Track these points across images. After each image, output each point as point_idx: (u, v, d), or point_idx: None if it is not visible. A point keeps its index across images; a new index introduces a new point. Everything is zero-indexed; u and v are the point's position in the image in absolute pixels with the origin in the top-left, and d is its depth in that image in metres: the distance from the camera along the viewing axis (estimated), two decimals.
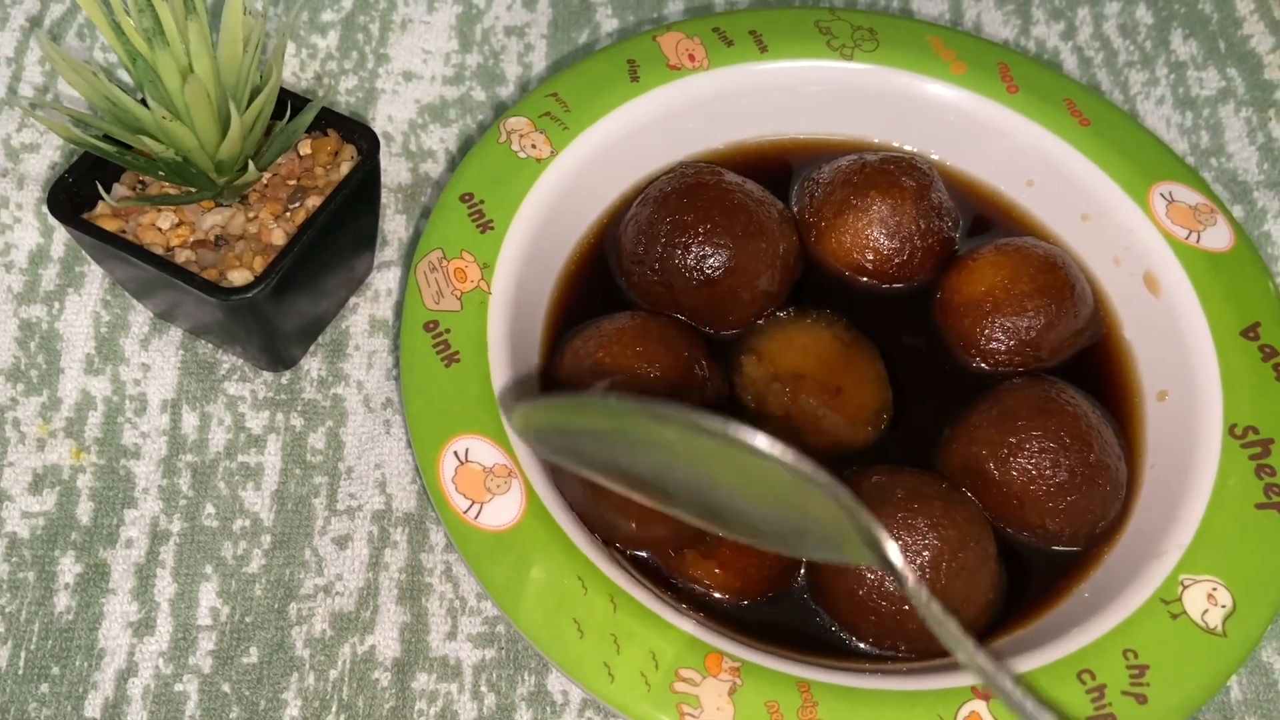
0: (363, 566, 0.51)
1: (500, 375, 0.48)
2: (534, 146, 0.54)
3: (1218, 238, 0.53)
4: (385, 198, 0.61)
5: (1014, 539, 0.49)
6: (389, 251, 0.60)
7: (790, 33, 0.58)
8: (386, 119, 0.64)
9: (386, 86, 0.66)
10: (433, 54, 0.67)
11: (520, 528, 0.44)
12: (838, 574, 0.46)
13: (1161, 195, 0.54)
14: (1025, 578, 0.49)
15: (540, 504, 0.44)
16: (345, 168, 0.53)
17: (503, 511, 0.44)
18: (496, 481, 0.45)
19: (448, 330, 0.48)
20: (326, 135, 0.53)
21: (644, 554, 0.47)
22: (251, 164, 0.47)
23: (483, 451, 0.45)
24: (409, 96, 0.65)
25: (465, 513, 0.44)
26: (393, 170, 0.63)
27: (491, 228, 0.51)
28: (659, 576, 0.47)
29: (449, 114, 0.65)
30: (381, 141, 0.63)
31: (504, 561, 0.43)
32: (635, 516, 0.45)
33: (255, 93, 0.50)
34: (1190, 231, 0.53)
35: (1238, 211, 0.64)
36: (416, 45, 0.67)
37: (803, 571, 0.48)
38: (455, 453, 0.45)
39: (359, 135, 0.53)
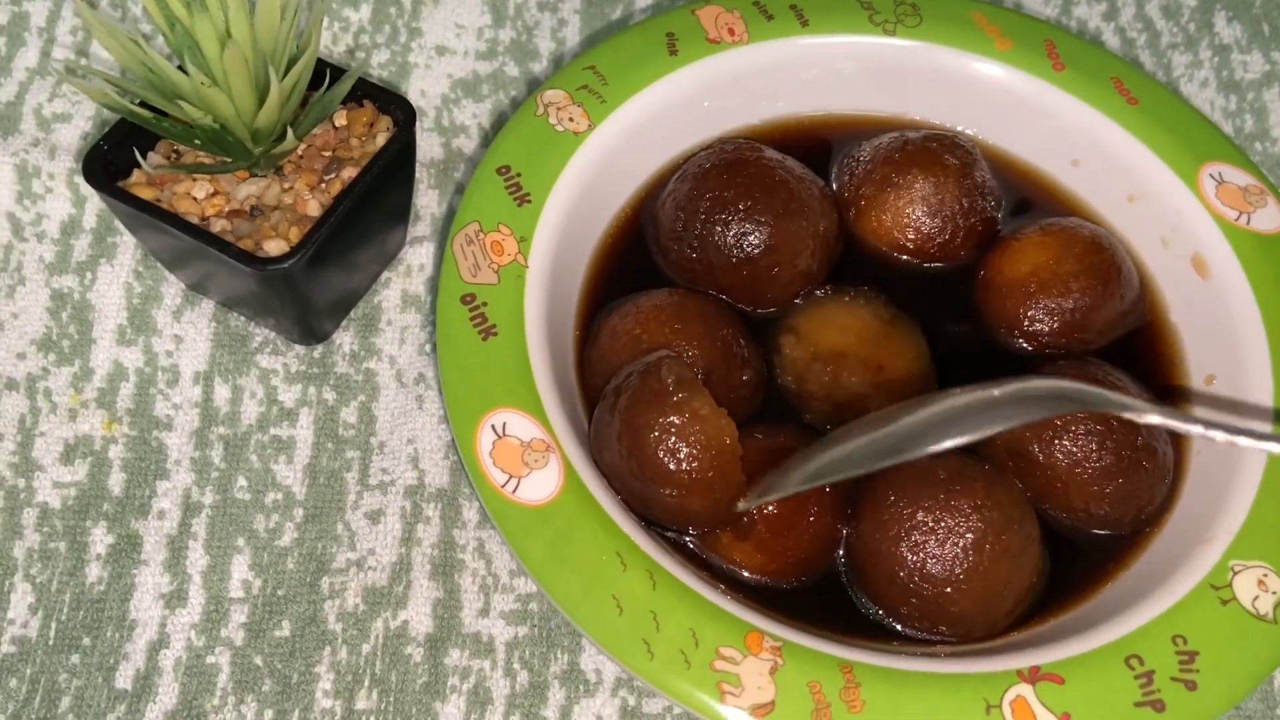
0: (395, 542, 0.50)
1: (538, 349, 0.47)
2: (571, 119, 0.53)
3: (1269, 219, 0.52)
4: (419, 173, 0.60)
5: (1057, 522, 0.48)
6: (421, 227, 0.59)
7: (832, 7, 0.57)
8: (419, 94, 0.64)
9: (419, 61, 0.65)
10: (465, 28, 0.67)
11: (558, 503, 0.43)
12: (877, 557, 0.45)
13: (1211, 176, 0.53)
14: (1069, 561, 0.48)
15: (578, 479, 0.44)
16: (381, 139, 0.52)
17: (540, 486, 0.44)
18: (534, 456, 0.44)
19: (484, 303, 0.48)
20: (362, 106, 0.53)
21: (678, 534, 0.46)
22: (290, 131, 0.47)
23: (520, 425, 0.45)
24: (441, 71, 0.65)
25: (503, 487, 0.43)
26: (425, 145, 0.62)
27: (529, 201, 0.51)
28: (694, 557, 0.46)
29: (482, 89, 0.64)
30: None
31: (542, 536, 0.43)
32: (674, 490, 0.44)
33: (292, 62, 0.49)
34: (1240, 213, 0.52)
35: None
36: (449, 19, 0.67)
37: (841, 553, 0.47)
38: (493, 426, 0.45)
39: (395, 106, 0.53)
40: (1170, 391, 0.51)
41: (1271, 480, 0.46)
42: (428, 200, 0.60)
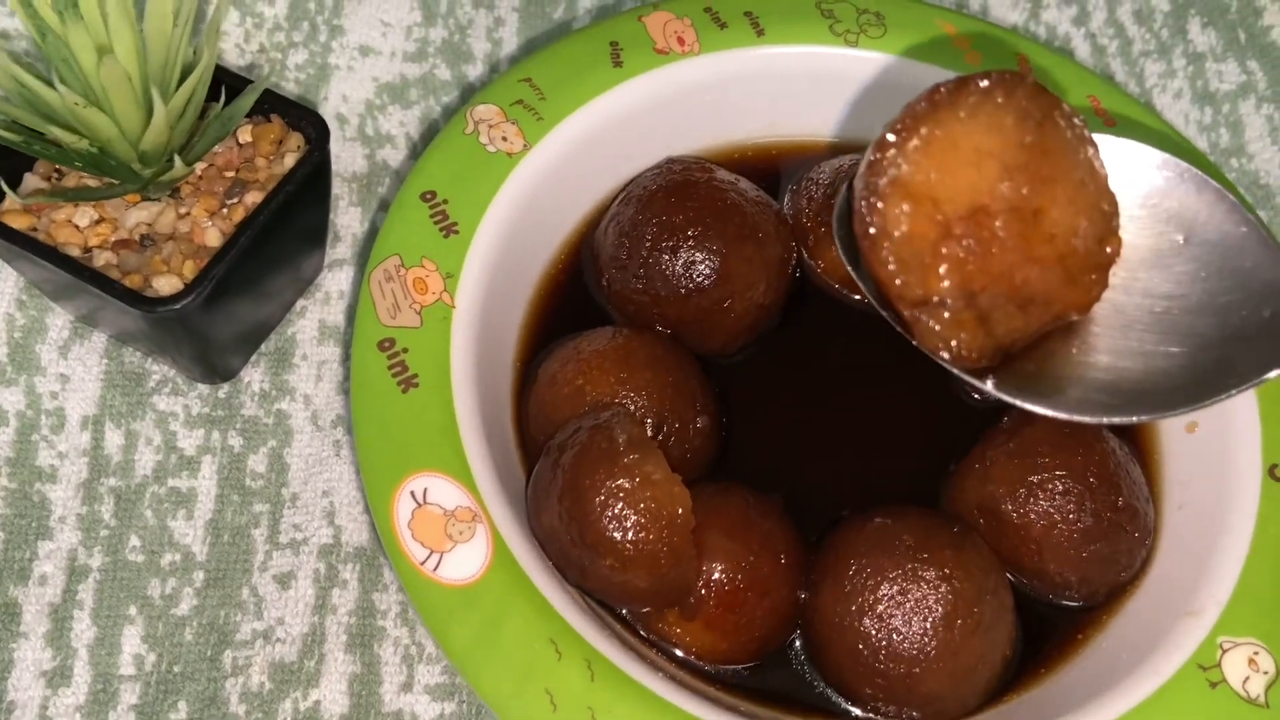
0: (307, 609, 0.45)
1: (465, 402, 0.42)
2: (505, 139, 0.48)
3: None
4: (338, 188, 0.55)
5: (1029, 590, 0.44)
6: (341, 249, 0.54)
7: (789, 15, 0.53)
8: (340, 99, 0.58)
9: (341, 62, 0.59)
10: (392, 26, 0.61)
11: (486, 581, 0.39)
12: (838, 631, 0.41)
13: None
14: (1039, 627, 0.44)
15: (509, 553, 0.39)
16: (290, 159, 0.47)
17: (466, 562, 0.39)
18: (459, 527, 0.40)
19: (405, 350, 0.43)
20: (269, 121, 0.47)
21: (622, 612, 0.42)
22: (178, 159, 0.41)
23: (443, 491, 0.40)
24: (366, 74, 0.59)
25: (423, 564, 0.39)
26: (346, 157, 0.57)
27: (456, 231, 0.46)
28: (639, 636, 0.42)
29: (410, 94, 0.59)
30: (334, 125, 0.57)
31: (467, 621, 0.38)
32: (616, 562, 0.40)
33: (188, 72, 0.44)
34: None
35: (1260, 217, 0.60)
36: (374, 16, 0.61)
37: (798, 631, 0.43)
38: (412, 493, 0.40)
39: (306, 122, 0.47)
40: (1148, 438, 0.48)
41: (1261, 545, 0.42)
42: (348, 219, 0.55)
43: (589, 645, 0.38)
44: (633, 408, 0.44)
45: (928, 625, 0.40)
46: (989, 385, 0.40)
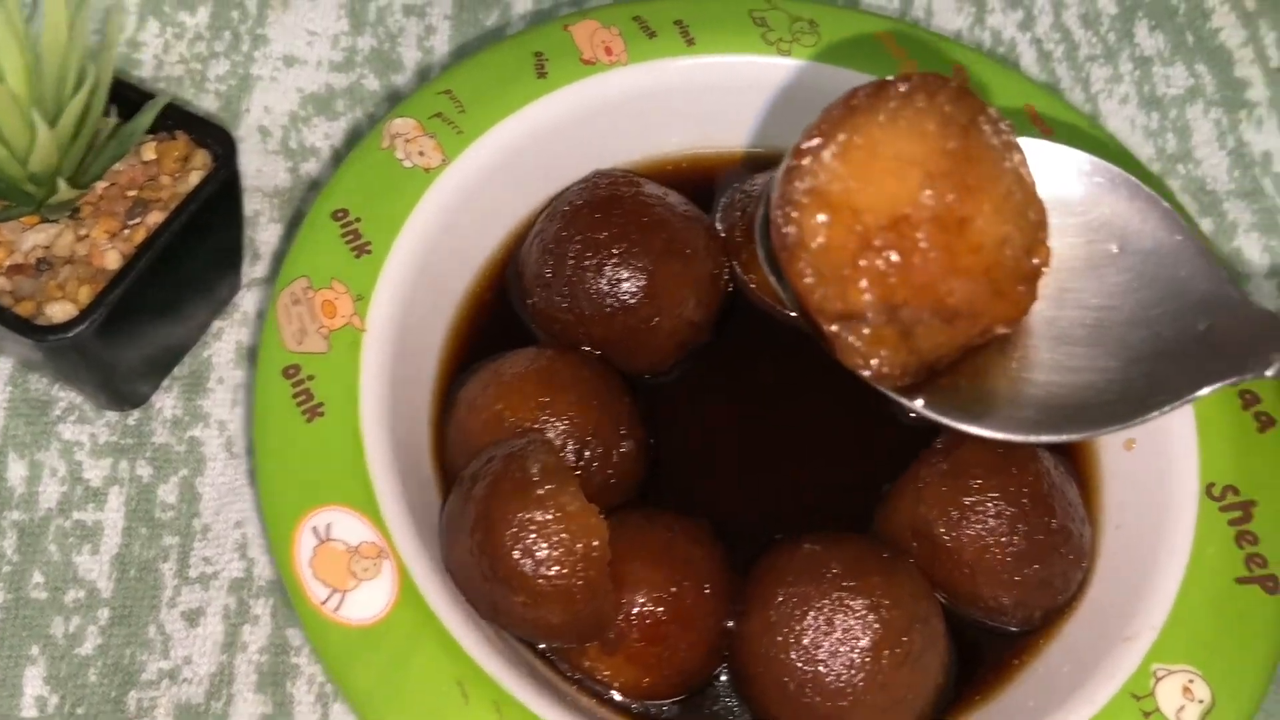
0: (216, 647, 0.44)
1: (375, 432, 0.40)
2: (422, 153, 0.46)
3: None
4: (259, 203, 0.53)
5: (963, 616, 0.43)
6: (261, 267, 0.52)
7: (721, 23, 0.51)
8: (263, 110, 0.56)
9: (264, 72, 0.58)
10: (319, 35, 0.59)
11: (390, 621, 0.37)
12: (764, 663, 0.40)
13: None
14: (973, 653, 0.43)
15: (415, 590, 0.38)
16: (196, 177, 0.45)
17: (370, 601, 0.37)
18: (363, 564, 0.38)
19: (311, 377, 0.41)
20: (174, 138, 0.46)
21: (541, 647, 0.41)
22: (62, 183, 0.39)
23: (347, 527, 0.38)
24: (290, 84, 0.57)
25: (324, 604, 0.37)
26: (269, 171, 0.55)
27: (369, 251, 0.44)
28: (560, 673, 0.41)
29: (336, 105, 0.57)
30: (256, 138, 0.55)
31: (370, 663, 0.36)
32: (527, 598, 0.38)
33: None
34: None
35: (1207, 225, 0.59)
36: (300, 25, 0.59)
37: (724, 667, 0.42)
38: (314, 528, 0.38)
39: (213, 138, 0.45)
40: (1085, 456, 0.47)
41: (1197, 567, 0.41)
42: (269, 235, 0.53)
43: (498, 687, 0.36)
44: (554, 433, 0.42)
45: (854, 656, 0.39)
46: (919, 404, 0.38)
